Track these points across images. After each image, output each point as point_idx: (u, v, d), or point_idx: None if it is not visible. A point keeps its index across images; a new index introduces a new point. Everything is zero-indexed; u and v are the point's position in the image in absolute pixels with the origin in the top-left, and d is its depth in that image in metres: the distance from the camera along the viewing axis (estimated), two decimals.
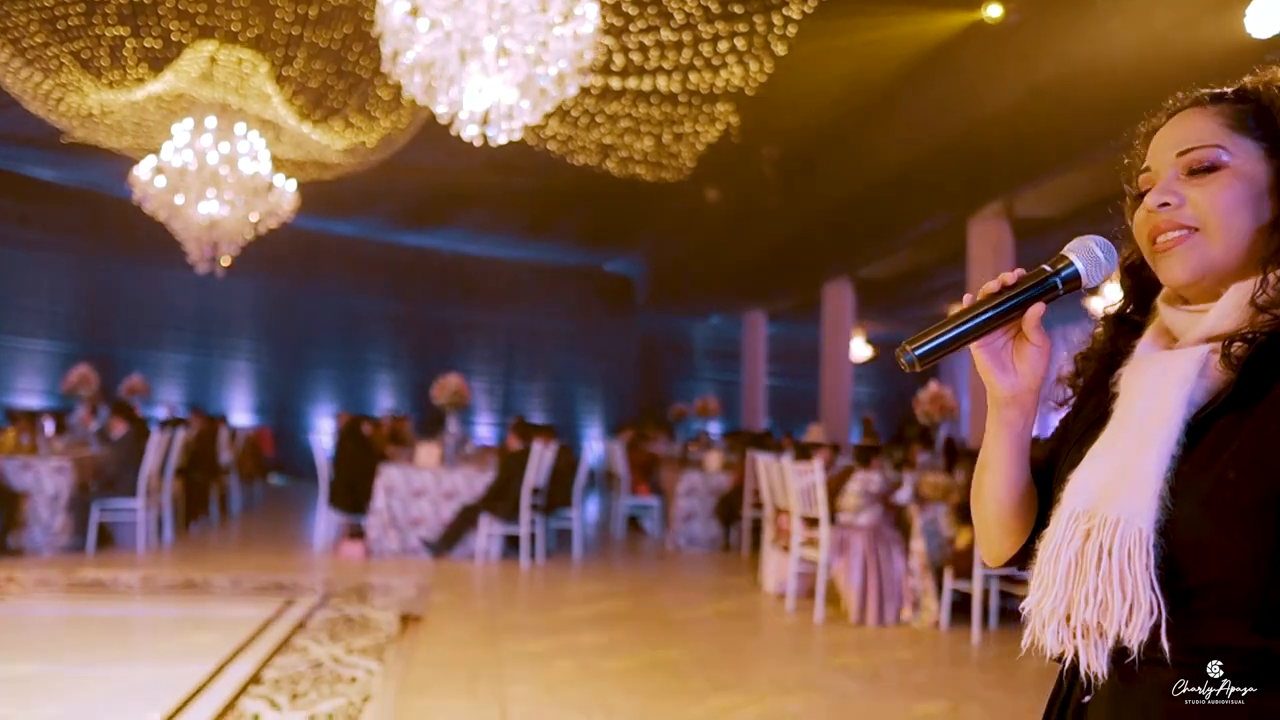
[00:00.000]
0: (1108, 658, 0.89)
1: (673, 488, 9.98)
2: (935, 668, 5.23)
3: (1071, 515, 0.93)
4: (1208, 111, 1.00)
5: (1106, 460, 0.94)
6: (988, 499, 1.08)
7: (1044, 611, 0.94)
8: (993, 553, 1.13)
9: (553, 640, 5.39)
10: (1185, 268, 0.96)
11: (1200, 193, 0.96)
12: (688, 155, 11.24)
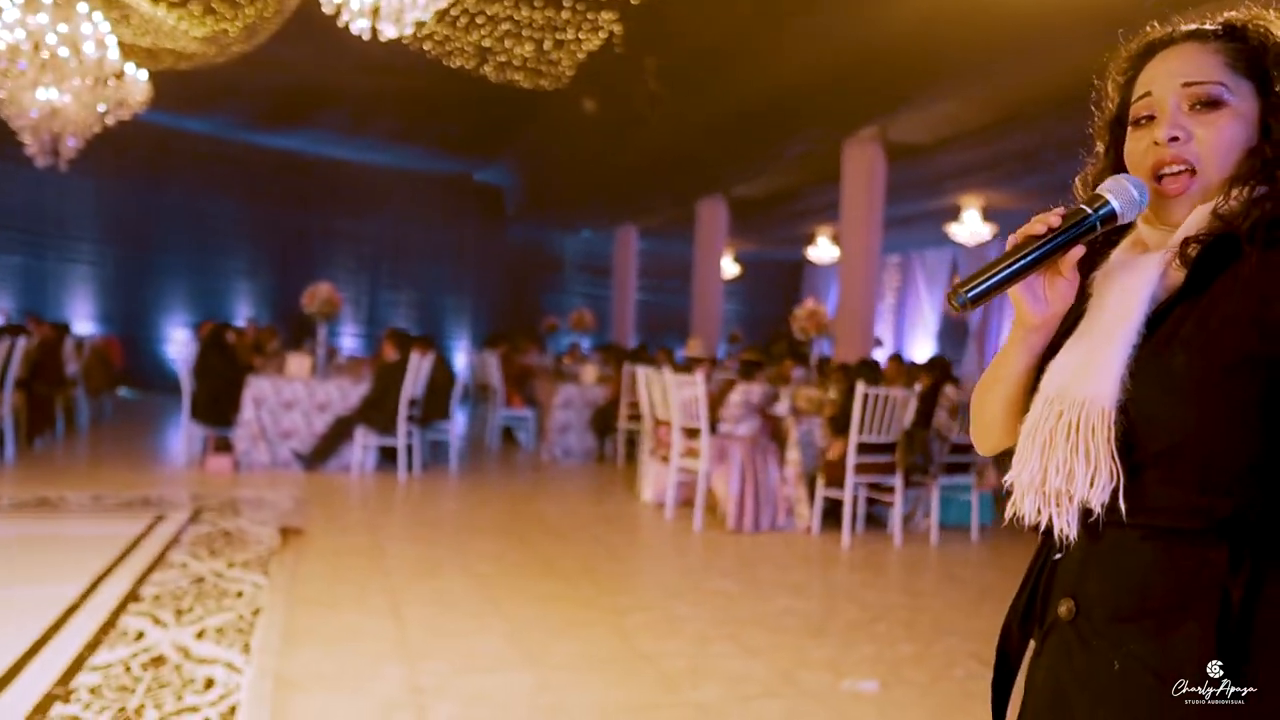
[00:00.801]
0: (1076, 521, 1.01)
1: (548, 400, 10.01)
2: (810, 569, 5.51)
3: (1046, 399, 1.04)
4: (1208, 47, 1.05)
5: (1077, 351, 1.04)
6: (997, 404, 1.15)
7: (1022, 482, 1.05)
8: (991, 446, 1.21)
9: (438, 550, 5.38)
10: (1179, 206, 1.04)
11: (1205, 130, 1.03)
12: (568, 63, 10.96)
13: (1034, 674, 1.12)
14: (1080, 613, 1.02)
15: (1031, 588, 1.15)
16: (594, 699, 3.27)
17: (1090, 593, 1.02)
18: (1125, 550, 0.99)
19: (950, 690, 3.57)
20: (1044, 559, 1.13)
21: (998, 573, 5.67)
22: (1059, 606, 1.04)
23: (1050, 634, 1.07)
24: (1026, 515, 1.05)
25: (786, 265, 22.12)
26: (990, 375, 1.16)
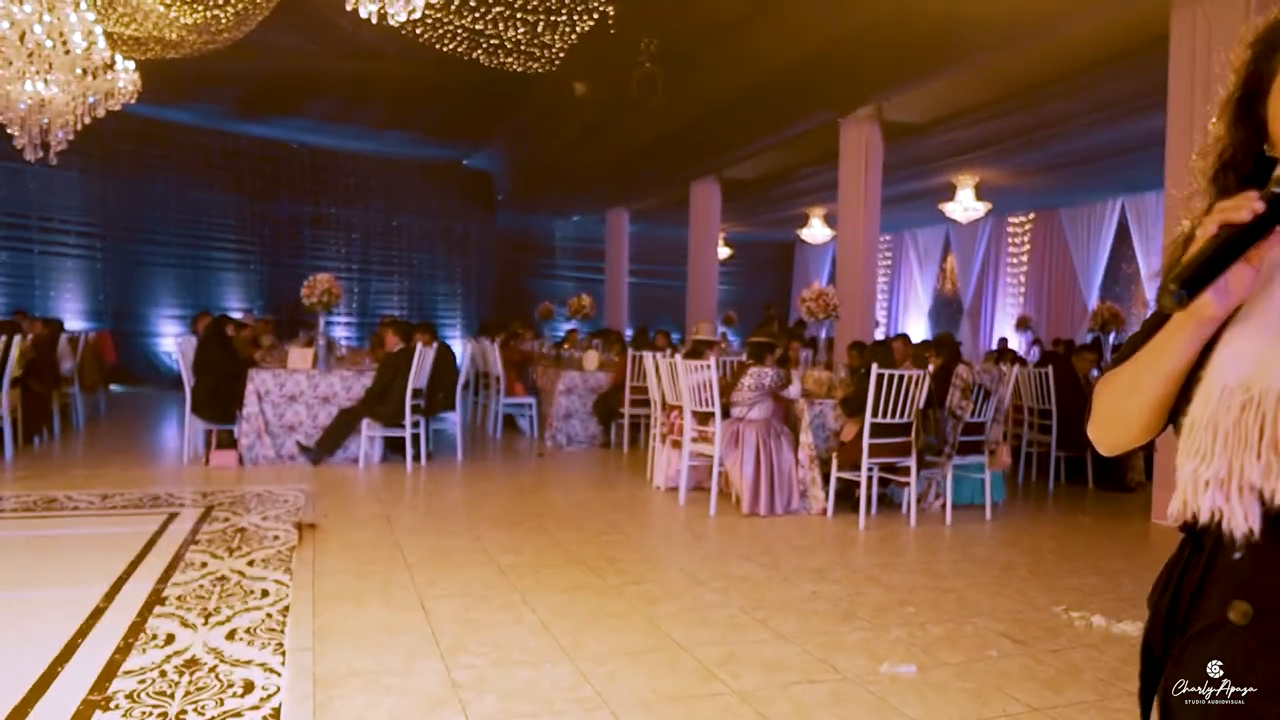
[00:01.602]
0: (1259, 517, 0.96)
1: (551, 387, 9.96)
2: (830, 552, 5.50)
3: (1224, 388, 0.98)
4: None
5: (1258, 340, 0.98)
6: (1148, 400, 1.08)
7: (1202, 477, 0.99)
8: (1126, 443, 1.15)
9: (456, 541, 5.34)
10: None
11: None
12: (560, 46, 10.85)
13: (1186, 683, 1.07)
14: (1262, 615, 0.98)
15: (1175, 590, 1.11)
16: (635, 690, 3.25)
17: (1271, 591, 0.98)
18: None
19: (986, 670, 3.57)
20: (1188, 559, 1.10)
21: (1015, 551, 5.68)
22: (1227, 610, 1.01)
23: (1210, 641, 1.03)
24: (1202, 511, 1.00)
25: (778, 246, 22.10)
26: (1138, 369, 1.10)
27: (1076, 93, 8.67)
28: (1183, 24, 6.26)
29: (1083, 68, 8.01)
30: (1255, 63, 1.09)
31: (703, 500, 6.73)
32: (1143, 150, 9.95)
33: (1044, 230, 15.73)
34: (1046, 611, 4.38)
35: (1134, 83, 7.95)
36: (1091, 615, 4.29)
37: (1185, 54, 6.29)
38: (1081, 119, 9.51)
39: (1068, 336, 13.27)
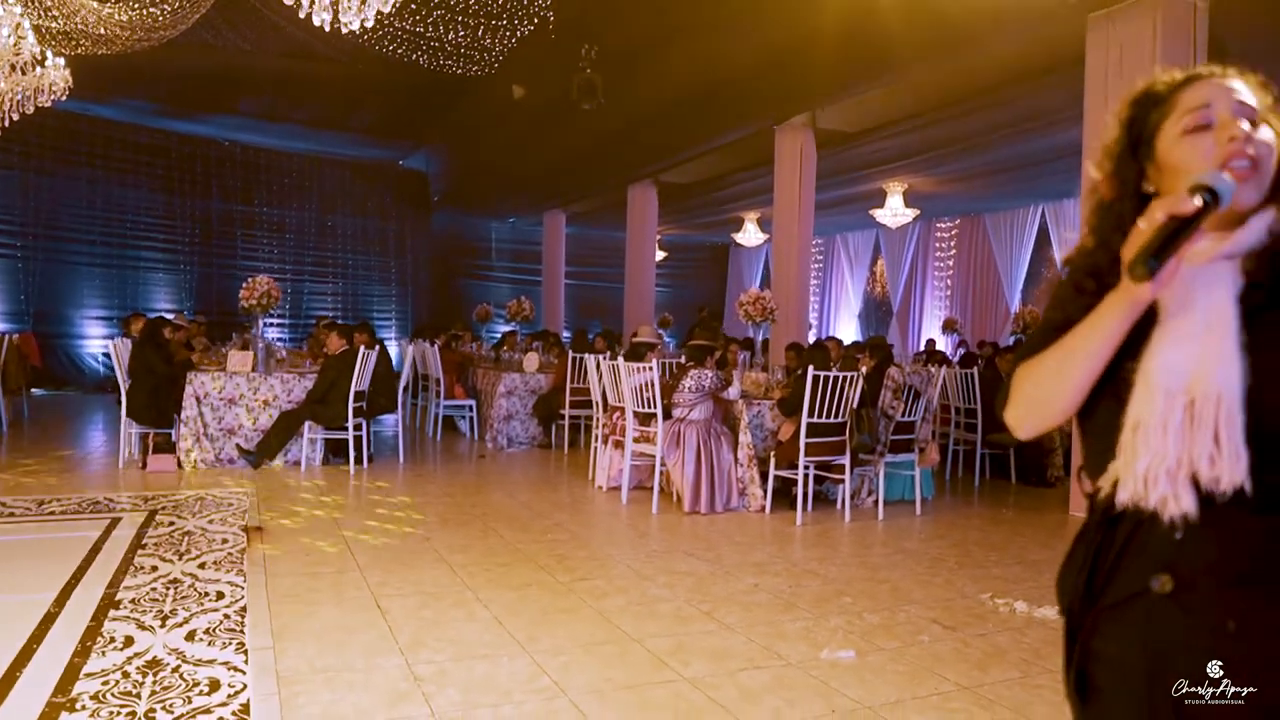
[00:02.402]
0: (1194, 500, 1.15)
1: (491, 389, 10.04)
2: (769, 548, 5.71)
3: (1168, 391, 1.17)
4: (1251, 82, 1.27)
5: (1187, 348, 1.17)
6: (1076, 380, 1.25)
7: (1157, 468, 1.17)
8: (1045, 423, 1.32)
9: (405, 542, 5.42)
10: (1252, 196, 1.21)
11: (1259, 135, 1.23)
12: (500, 50, 10.92)
13: (1102, 646, 1.26)
14: (1182, 585, 1.17)
15: (1090, 565, 1.29)
16: (590, 680, 3.39)
17: (1196, 565, 1.16)
18: (1236, 525, 1.14)
19: (919, 654, 3.80)
20: (1105, 538, 1.28)
21: (944, 544, 5.96)
22: (1149, 581, 1.19)
23: (1129, 610, 1.22)
24: (1149, 497, 1.17)
25: (713, 249, 22.41)
26: (1067, 352, 1.25)
27: (1000, 106, 9.06)
28: (1097, 45, 6.64)
29: (1006, 83, 8.39)
30: (1136, 118, 1.32)
31: (645, 499, 6.91)
32: (1061, 160, 10.44)
33: (969, 235, 16.28)
34: (974, 599, 4.65)
35: (1053, 97, 8.35)
36: (1015, 601, 4.57)
37: (1099, 72, 6.66)
38: (1004, 130, 9.93)
39: (992, 338, 13.79)
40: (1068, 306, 1.32)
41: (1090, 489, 1.30)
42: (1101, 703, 1.27)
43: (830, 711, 3.19)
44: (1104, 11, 6.49)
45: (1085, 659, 1.28)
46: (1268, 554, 1.14)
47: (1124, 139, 1.34)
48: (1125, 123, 1.34)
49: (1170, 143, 1.27)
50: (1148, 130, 1.31)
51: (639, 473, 7.25)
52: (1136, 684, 1.21)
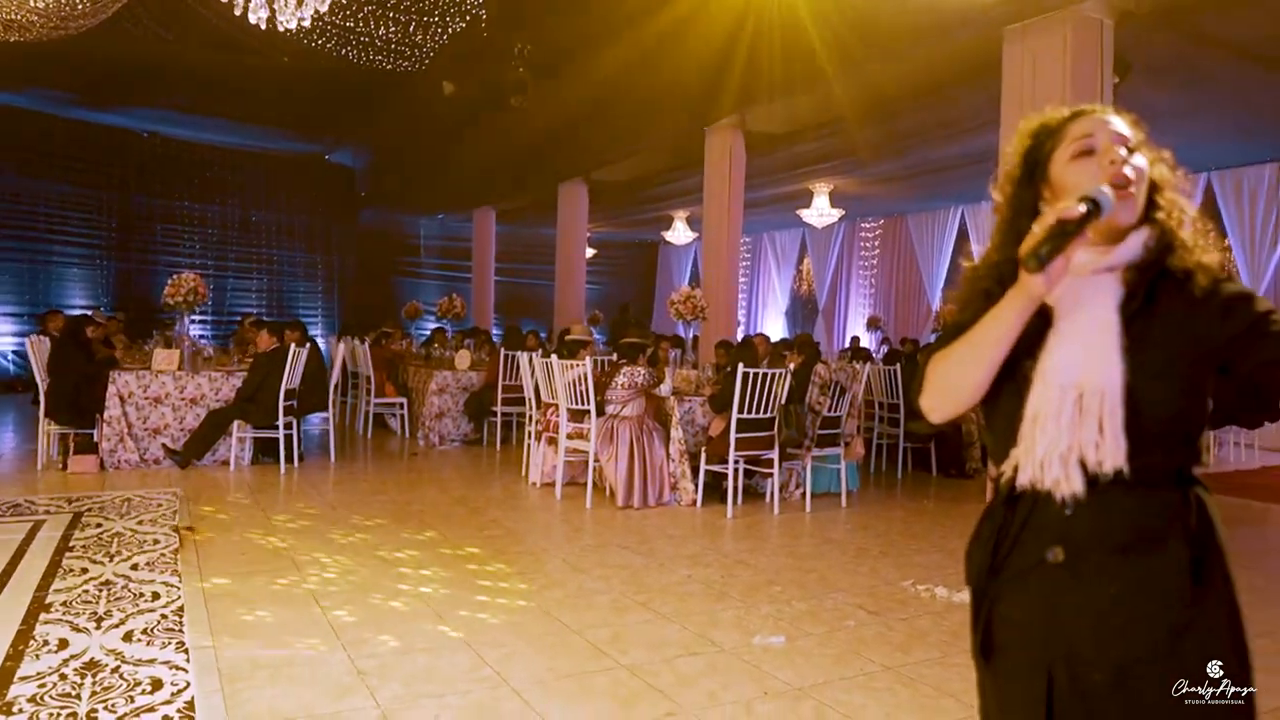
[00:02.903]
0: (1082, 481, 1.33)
1: (422, 386, 10.02)
2: (701, 540, 5.87)
3: (1059, 387, 1.35)
4: (1126, 119, 1.47)
5: (1073, 349, 1.36)
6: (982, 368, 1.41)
7: (1051, 453, 1.35)
8: (955, 409, 1.47)
9: (341, 540, 5.42)
10: (1125, 215, 1.39)
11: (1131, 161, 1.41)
12: (431, 46, 10.88)
13: (1005, 611, 1.43)
14: (1072, 555, 1.34)
15: (994, 541, 1.46)
16: (531, 669, 3.49)
17: (1083, 537, 1.35)
18: (1116, 500, 1.33)
19: (846, 638, 3.99)
20: (1006, 516, 1.44)
21: (868, 534, 6.20)
22: (1045, 553, 1.36)
23: (1028, 580, 1.39)
24: (1044, 479, 1.36)
25: (642, 247, 22.57)
26: (975, 342, 1.41)
27: (922, 111, 9.38)
28: (1012, 55, 6.94)
29: (928, 89, 8.69)
30: (1033, 147, 1.51)
31: (578, 495, 7.00)
32: (980, 164, 10.81)
33: (892, 235, 16.74)
34: (896, 586, 4.87)
35: (972, 104, 8.68)
36: (935, 587, 4.80)
37: (1015, 81, 6.96)
38: (926, 134, 10.27)
39: (914, 335, 14.21)
40: (973, 309, 1.48)
41: (995, 473, 1.47)
42: (1003, 661, 1.44)
43: (763, 693, 3.34)
44: (1019, 24, 6.78)
45: (990, 623, 1.45)
46: (1142, 525, 1.32)
47: (1022, 165, 1.52)
48: (1023, 152, 1.53)
49: (1061, 167, 1.45)
50: (1043, 157, 1.49)
51: (572, 469, 7.34)
52: (1034, 644, 1.39)
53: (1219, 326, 1.32)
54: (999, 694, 1.46)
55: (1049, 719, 1.36)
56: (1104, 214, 1.32)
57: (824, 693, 3.36)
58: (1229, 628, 1.33)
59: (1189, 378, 1.33)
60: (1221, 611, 1.33)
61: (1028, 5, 6.60)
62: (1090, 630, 1.33)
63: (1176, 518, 1.33)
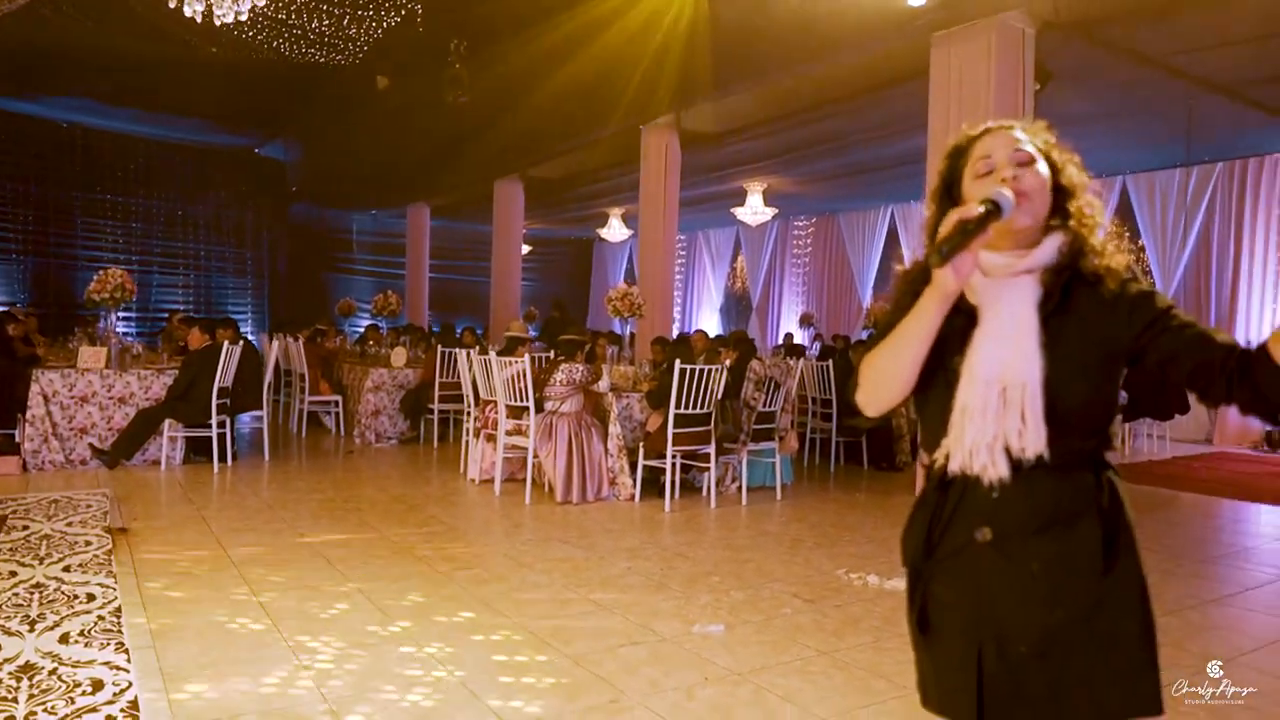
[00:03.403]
0: (1007, 466, 1.46)
1: (358, 384, 9.94)
2: (640, 534, 5.97)
3: (984, 381, 1.48)
4: (1034, 129, 1.60)
5: (996, 347, 1.48)
6: (907, 362, 1.53)
7: (979, 442, 1.47)
8: (888, 401, 1.59)
9: (279, 539, 5.39)
10: (1022, 219, 1.51)
11: (1026, 173, 1.54)
12: (365, 40, 10.78)
13: (939, 589, 1.55)
14: (999, 535, 1.47)
15: (928, 524, 1.58)
16: (478, 662, 3.54)
17: (1009, 518, 1.48)
18: (1037, 484, 1.46)
19: (782, 625, 4.12)
20: (939, 501, 1.56)
21: (803, 526, 6.36)
22: (974, 534, 1.48)
23: (960, 559, 1.51)
24: (973, 466, 1.48)
25: (577, 244, 22.59)
26: (899, 337, 1.54)
27: (853, 113, 9.61)
28: (939, 61, 7.17)
29: (859, 92, 8.92)
30: (950, 167, 1.66)
31: (517, 491, 7.05)
32: (909, 165, 11.12)
33: (824, 234, 17.06)
34: (830, 575, 5.02)
35: (901, 107, 8.92)
36: (868, 575, 4.97)
37: (942, 85, 7.19)
38: (857, 135, 10.52)
39: (845, 332, 14.51)
40: (904, 309, 1.60)
41: (927, 461, 1.59)
42: (938, 635, 1.56)
43: (703, 679, 3.44)
44: (945, 31, 7.02)
45: (925, 601, 1.57)
46: (1061, 506, 1.46)
47: (941, 183, 1.67)
48: (942, 172, 1.68)
49: (969, 184, 1.59)
50: (956, 175, 1.63)
51: (511, 465, 7.38)
52: (966, 619, 1.51)
53: (1126, 324, 1.46)
54: (935, 666, 1.58)
55: (980, 688, 1.48)
56: (1005, 214, 1.44)
57: (762, 677, 3.48)
58: (1138, 599, 1.47)
59: (1101, 371, 1.47)
60: (1131, 584, 1.46)
61: (954, 13, 6.83)
62: (1016, 604, 1.46)
63: (1091, 499, 1.46)
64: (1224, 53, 7.56)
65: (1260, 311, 11.06)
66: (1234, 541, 6.47)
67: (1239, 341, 1.41)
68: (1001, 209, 1.44)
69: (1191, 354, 1.41)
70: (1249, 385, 1.35)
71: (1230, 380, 1.37)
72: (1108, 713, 1.45)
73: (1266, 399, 1.34)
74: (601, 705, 3.18)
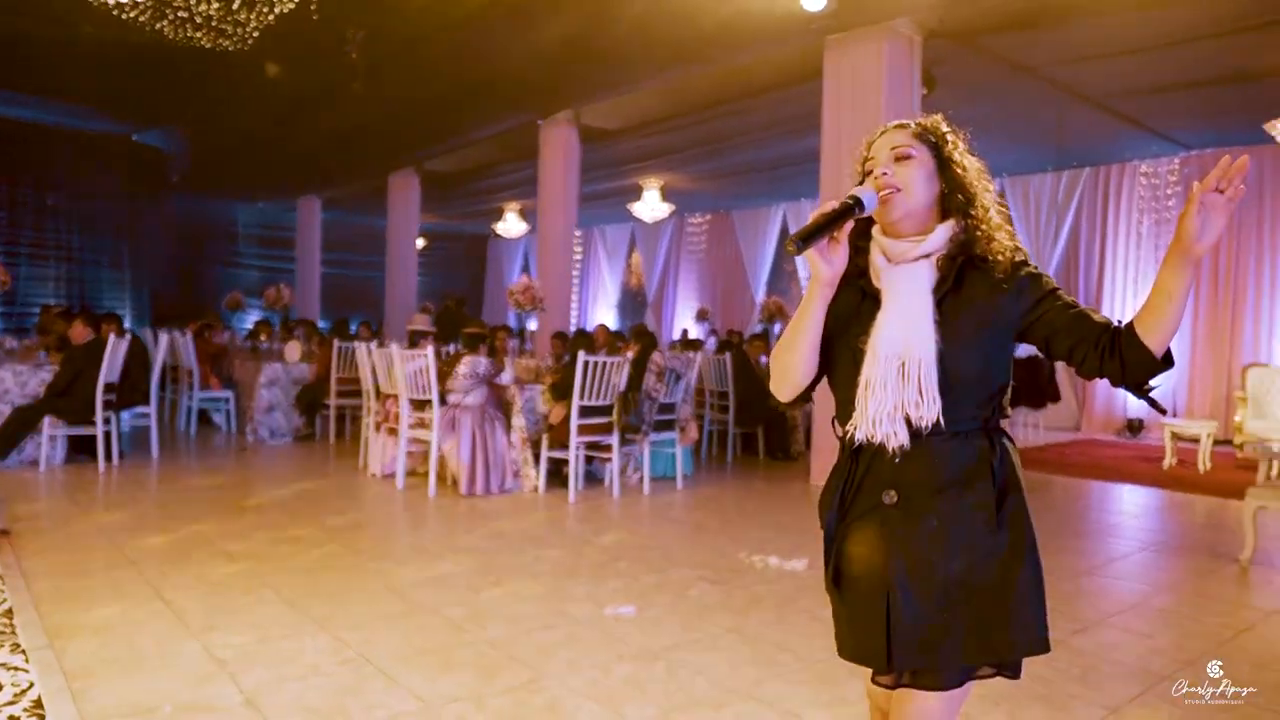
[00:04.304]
0: (907, 434, 1.61)
1: (251, 380, 9.68)
2: (547, 523, 6.04)
3: (885, 357, 1.62)
4: (906, 130, 1.75)
5: (896, 326, 1.63)
6: (805, 348, 1.70)
7: (880, 412, 1.62)
8: (794, 386, 1.75)
9: (176, 536, 5.25)
10: (894, 212, 1.68)
11: (901, 168, 1.70)
12: (256, 25, 10.48)
13: (851, 548, 1.70)
14: (903, 496, 1.62)
15: (841, 490, 1.72)
16: (394, 648, 3.56)
17: (911, 481, 1.63)
18: (936, 449, 1.62)
19: (691, 606, 4.26)
20: (851, 468, 1.71)
21: (705, 512, 6.54)
22: (882, 496, 1.63)
23: (869, 519, 1.66)
24: (877, 435, 1.63)
25: (472, 238, 22.40)
26: (792, 329, 1.71)
27: (748, 113, 9.87)
28: (833, 64, 7.46)
29: (755, 92, 9.17)
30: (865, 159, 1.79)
31: (420, 484, 7.02)
32: (801, 164, 11.49)
33: (719, 230, 17.39)
34: (734, 558, 5.20)
35: (797, 108, 9.22)
36: (769, 557, 5.17)
37: (835, 88, 7.49)
38: (752, 135, 10.80)
39: (739, 328, 14.85)
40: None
41: (840, 433, 1.73)
42: (851, 589, 1.70)
43: (618, 658, 3.55)
44: (839, 36, 7.31)
45: (840, 559, 1.72)
46: (957, 469, 1.62)
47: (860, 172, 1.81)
48: (860, 161, 1.82)
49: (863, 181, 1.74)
50: (860, 174, 1.78)
51: (413, 459, 7.34)
52: (874, 573, 1.66)
53: (1014, 303, 1.63)
54: (849, 618, 1.72)
55: (889, 635, 1.63)
56: (867, 209, 1.62)
57: (674, 654, 3.61)
58: (1026, 550, 1.64)
59: (991, 346, 1.64)
60: (1020, 537, 1.63)
61: (847, 19, 7.12)
62: (919, 557, 1.61)
63: (984, 461, 1.63)
64: (1090, 66, 8.10)
65: (1123, 307, 11.85)
66: (1100, 519, 6.96)
67: (1113, 321, 1.60)
68: (863, 204, 1.60)
69: (1071, 331, 1.59)
70: (1119, 359, 1.53)
71: (1103, 355, 1.56)
72: (1002, 652, 1.62)
73: (1132, 371, 1.53)
74: (521, 685, 3.25)
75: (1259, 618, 4.38)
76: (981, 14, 7.00)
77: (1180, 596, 4.75)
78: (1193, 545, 5.95)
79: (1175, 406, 11.29)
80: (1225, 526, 6.42)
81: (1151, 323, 1.50)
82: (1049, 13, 6.90)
